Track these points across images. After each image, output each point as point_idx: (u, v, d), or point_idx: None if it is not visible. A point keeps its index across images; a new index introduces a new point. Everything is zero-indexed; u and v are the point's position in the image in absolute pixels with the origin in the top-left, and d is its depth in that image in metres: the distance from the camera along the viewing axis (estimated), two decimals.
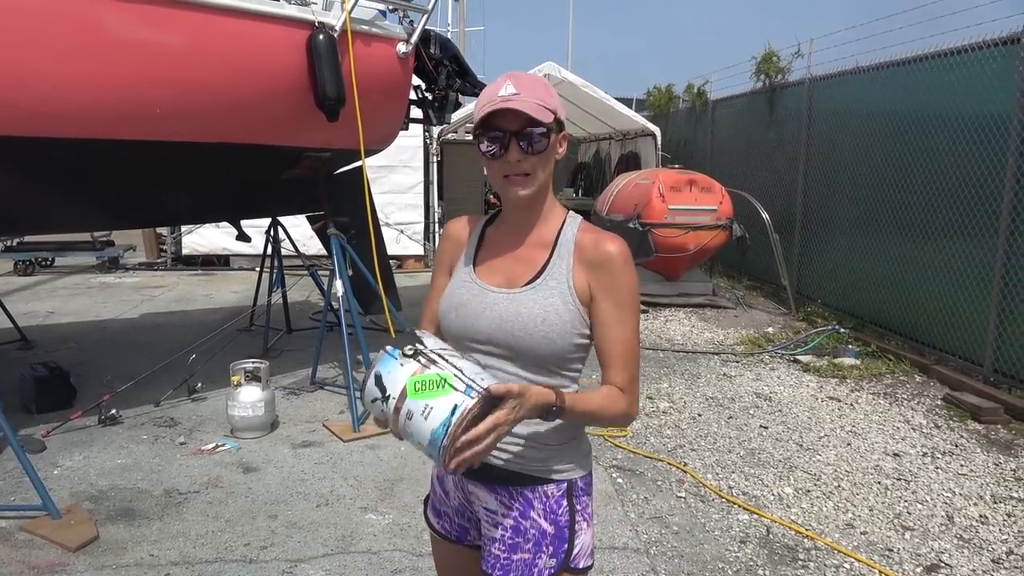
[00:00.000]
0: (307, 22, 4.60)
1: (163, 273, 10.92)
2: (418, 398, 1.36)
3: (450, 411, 1.35)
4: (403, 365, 1.39)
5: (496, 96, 1.53)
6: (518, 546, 1.62)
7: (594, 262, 1.58)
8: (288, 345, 6.76)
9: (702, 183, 8.79)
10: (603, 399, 1.58)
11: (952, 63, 6.25)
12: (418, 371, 1.38)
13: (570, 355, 1.59)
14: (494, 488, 1.64)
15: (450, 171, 12.61)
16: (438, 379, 1.37)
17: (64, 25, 3.82)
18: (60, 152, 4.09)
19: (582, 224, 1.65)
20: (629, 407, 1.60)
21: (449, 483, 1.76)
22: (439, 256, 1.79)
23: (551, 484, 1.62)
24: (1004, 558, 3.43)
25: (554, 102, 1.57)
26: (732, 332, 7.68)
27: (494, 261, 1.67)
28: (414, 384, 1.37)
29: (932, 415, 5.29)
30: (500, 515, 1.64)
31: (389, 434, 1.48)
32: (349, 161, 5.96)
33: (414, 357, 1.39)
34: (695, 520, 3.72)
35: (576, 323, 1.57)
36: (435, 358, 1.40)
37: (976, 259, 5.86)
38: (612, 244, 1.59)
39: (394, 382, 1.39)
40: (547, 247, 1.63)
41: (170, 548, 3.35)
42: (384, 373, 1.41)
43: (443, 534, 1.80)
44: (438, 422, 1.35)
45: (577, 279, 1.58)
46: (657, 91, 14.83)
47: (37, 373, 4.99)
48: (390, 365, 1.40)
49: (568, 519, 1.62)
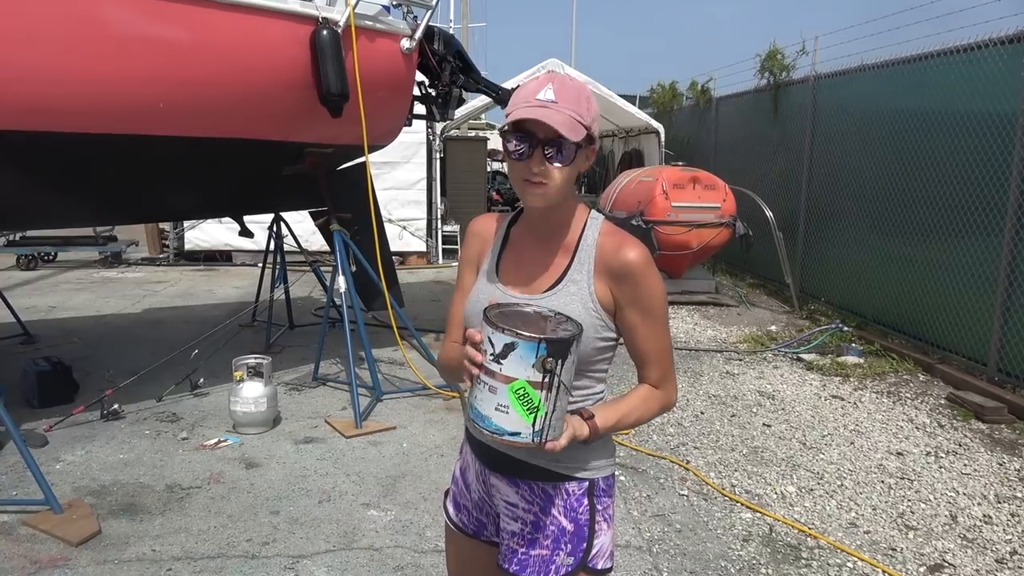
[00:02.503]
0: (311, 17, 4.59)
1: (165, 268, 10.92)
2: (510, 396, 1.37)
3: (511, 431, 1.39)
4: (534, 366, 1.36)
5: (534, 99, 1.49)
6: (536, 542, 1.62)
7: (616, 273, 1.56)
8: (290, 341, 6.76)
9: (705, 181, 8.77)
10: (638, 405, 1.61)
11: (958, 61, 6.22)
12: (535, 384, 1.37)
13: (593, 358, 1.59)
14: (516, 482, 1.64)
15: (453, 167, 12.61)
16: (535, 404, 1.37)
17: (66, 20, 3.81)
18: (62, 147, 4.08)
19: (604, 226, 1.63)
20: (665, 400, 1.65)
21: (471, 475, 1.75)
22: (464, 253, 1.77)
23: (573, 482, 1.62)
24: (1008, 558, 3.42)
25: (590, 117, 1.52)
26: (735, 330, 7.66)
27: (516, 264, 1.66)
28: (520, 387, 1.37)
29: (936, 414, 5.27)
30: (520, 509, 1.64)
31: (391, 431, 1.47)
32: (352, 157, 5.95)
33: (545, 372, 1.36)
34: (698, 518, 3.71)
35: (597, 328, 1.56)
36: (554, 387, 1.38)
37: (981, 258, 5.84)
38: (632, 251, 1.56)
39: (514, 366, 1.36)
40: (568, 251, 1.61)
41: (172, 543, 3.34)
42: (519, 350, 1.36)
43: (461, 527, 1.79)
44: (499, 422, 1.39)
45: (598, 287, 1.57)
46: (661, 88, 14.80)
47: (39, 368, 4.99)
48: (528, 355, 1.36)
49: (588, 518, 1.62)
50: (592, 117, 1.53)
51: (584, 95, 1.53)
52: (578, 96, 1.51)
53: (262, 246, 7.32)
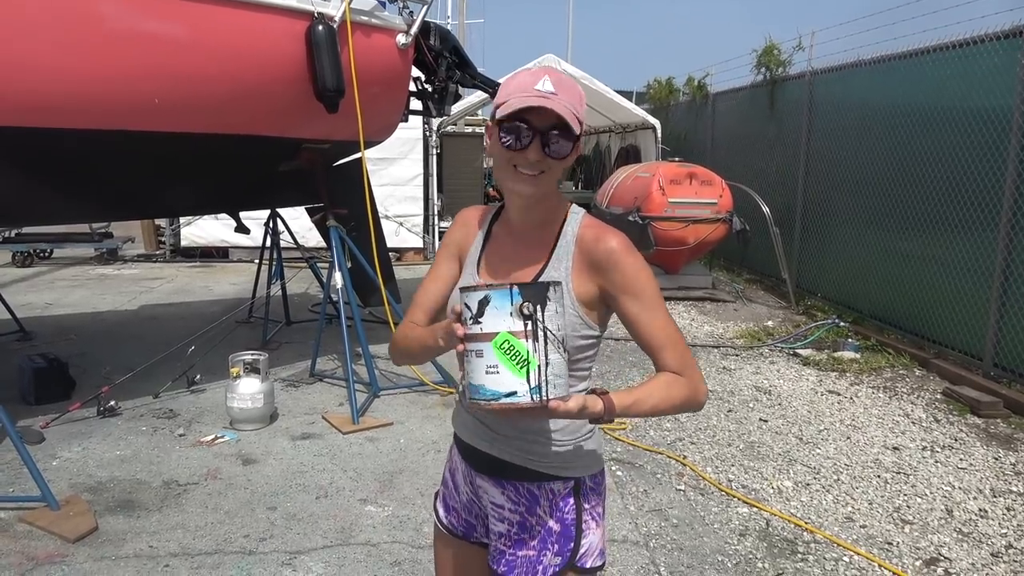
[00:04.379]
0: (306, 12, 4.57)
1: (161, 265, 10.90)
2: (496, 354, 1.31)
3: (507, 392, 1.31)
4: (511, 315, 1.30)
5: (532, 89, 1.47)
6: (523, 542, 1.61)
7: (599, 263, 1.53)
8: (287, 337, 6.75)
9: (702, 176, 8.77)
10: (662, 388, 1.51)
11: (954, 56, 6.23)
12: (517, 333, 1.31)
13: (575, 356, 1.54)
14: (501, 483, 1.63)
15: (450, 163, 12.58)
16: (524, 356, 1.30)
17: (61, 16, 3.79)
18: (56, 143, 4.07)
19: (584, 219, 1.61)
20: (694, 390, 1.53)
21: (460, 477, 1.75)
22: (447, 237, 1.74)
23: (558, 481, 1.60)
24: (1003, 552, 3.43)
25: (583, 113, 1.52)
26: (732, 326, 7.67)
27: (497, 261, 1.64)
28: (503, 340, 1.31)
29: (932, 409, 5.29)
30: (507, 510, 1.63)
31: (388, 427, 1.46)
32: (348, 153, 5.93)
33: (524, 319, 1.30)
34: (695, 513, 3.72)
35: (576, 326, 1.53)
36: (540, 335, 1.31)
37: (976, 253, 5.85)
38: (612, 239, 1.54)
39: (493, 319, 1.31)
40: (547, 247, 1.59)
41: (169, 539, 3.34)
42: (493, 304, 1.32)
43: (450, 529, 1.78)
44: (492, 385, 1.32)
45: (578, 282, 1.54)
46: (657, 84, 14.77)
47: (36, 364, 4.98)
48: (503, 303, 1.31)
49: (575, 518, 1.60)
50: (583, 115, 1.53)
51: (579, 91, 1.53)
52: (573, 92, 1.51)
53: (258, 242, 7.30)
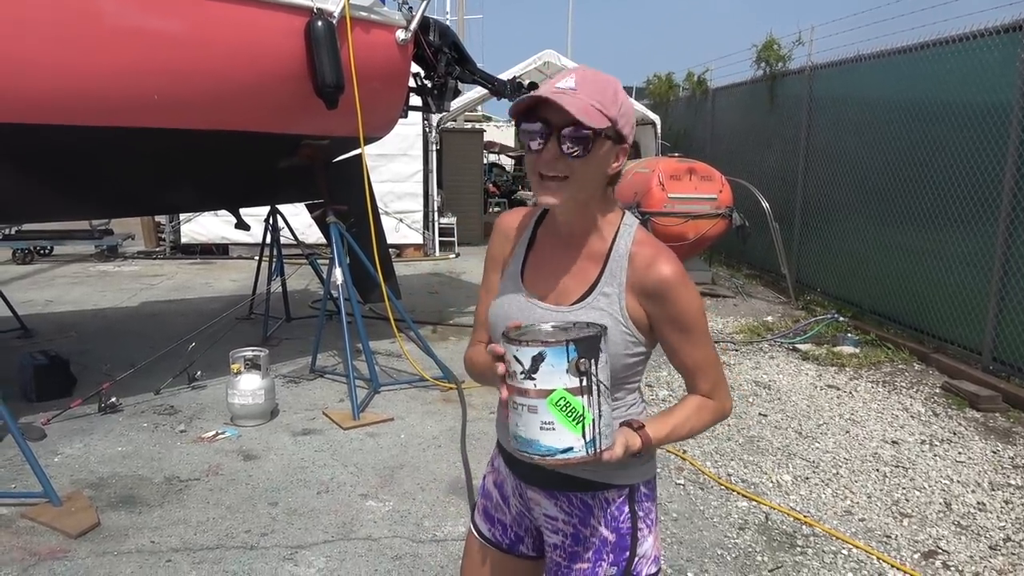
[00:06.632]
0: (305, 8, 4.57)
1: (162, 262, 10.91)
2: (552, 410, 1.31)
3: (563, 448, 1.32)
4: (568, 372, 1.30)
5: (554, 87, 1.40)
6: (578, 555, 1.57)
7: (649, 292, 1.48)
8: (287, 333, 6.76)
9: (702, 172, 8.76)
10: (694, 413, 1.53)
11: (953, 51, 6.22)
12: (573, 390, 1.30)
13: (624, 373, 1.52)
14: (553, 494, 1.58)
15: (449, 159, 12.59)
16: (580, 412, 1.31)
17: (59, 12, 3.79)
18: (56, 140, 4.07)
19: (637, 234, 1.52)
20: (720, 409, 1.57)
21: (508, 490, 1.70)
22: (488, 251, 1.70)
23: (612, 490, 1.55)
24: (1001, 544, 3.44)
25: (615, 110, 1.41)
26: (731, 321, 7.68)
27: (543, 269, 1.57)
28: (559, 398, 1.30)
29: (930, 403, 5.30)
30: (560, 522, 1.59)
31: (388, 423, 1.46)
32: (348, 149, 5.94)
33: (580, 375, 1.30)
34: (694, 507, 3.74)
35: (628, 344, 1.49)
36: (595, 390, 1.32)
37: (976, 248, 5.85)
38: (664, 266, 1.47)
39: (547, 377, 1.30)
40: (598, 261, 1.51)
41: (171, 535, 3.36)
42: (548, 359, 1.30)
43: (493, 541, 1.73)
44: (548, 442, 1.32)
45: (630, 304, 1.49)
46: (657, 79, 14.76)
47: (37, 361, 4.99)
48: (559, 361, 1.30)
49: (630, 526, 1.56)
50: (621, 112, 1.43)
51: (612, 88, 1.43)
52: (603, 88, 1.42)
53: (258, 239, 7.31)
